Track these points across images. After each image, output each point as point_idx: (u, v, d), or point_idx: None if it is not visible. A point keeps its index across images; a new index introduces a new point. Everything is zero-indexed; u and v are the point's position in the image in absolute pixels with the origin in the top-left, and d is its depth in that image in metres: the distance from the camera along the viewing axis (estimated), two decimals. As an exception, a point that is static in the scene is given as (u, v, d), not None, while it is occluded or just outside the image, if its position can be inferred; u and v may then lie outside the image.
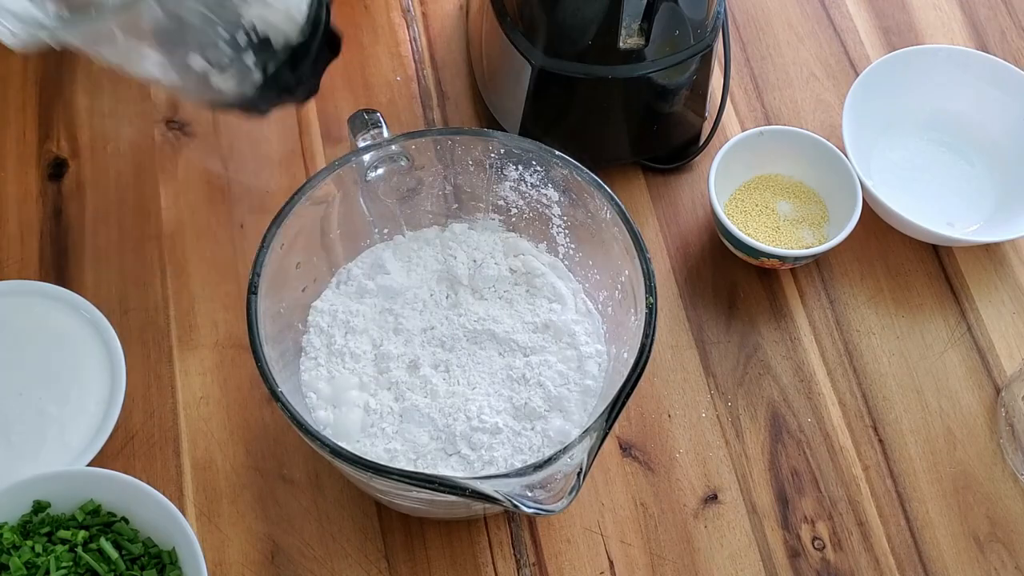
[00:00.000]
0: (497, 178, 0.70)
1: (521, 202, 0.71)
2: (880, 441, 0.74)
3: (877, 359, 0.76)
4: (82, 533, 0.65)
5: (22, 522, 0.66)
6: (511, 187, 0.70)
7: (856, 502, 0.71)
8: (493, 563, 0.69)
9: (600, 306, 0.70)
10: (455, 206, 0.72)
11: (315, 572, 0.68)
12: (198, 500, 0.70)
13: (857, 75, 0.84)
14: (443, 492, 0.55)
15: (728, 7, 0.83)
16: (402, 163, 0.68)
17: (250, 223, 0.80)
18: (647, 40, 0.73)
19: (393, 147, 0.67)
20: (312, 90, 0.69)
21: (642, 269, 0.62)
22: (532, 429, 0.65)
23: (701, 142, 0.84)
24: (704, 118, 0.83)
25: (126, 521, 0.66)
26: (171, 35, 0.59)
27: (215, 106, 0.68)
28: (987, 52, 0.87)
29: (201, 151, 0.83)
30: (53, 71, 0.86)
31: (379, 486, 0.62)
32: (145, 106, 0.85)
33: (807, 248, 0.77)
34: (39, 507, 0.66)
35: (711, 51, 0.77)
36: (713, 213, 0.77)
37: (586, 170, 0.66)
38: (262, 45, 0.62)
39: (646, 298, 0.61)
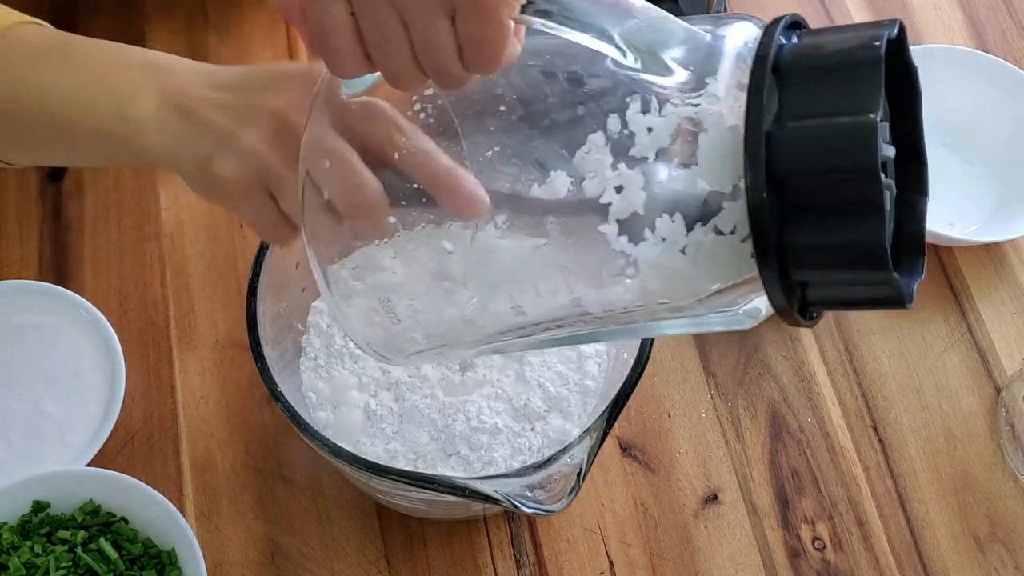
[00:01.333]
0: (497, 178, 0.69)
1: (521, 202, 0.70)
2: (880, 441, 0.73)
3: (877, 359, 0.76)
4: (81, 533, 0.65)
5: (22, 522, 0.65)
6: (511, 187, 0.70)
7: (856, 502, 0.71)
8: (493, 563, 0.69)
9: (600, 306, 0.69)
10: (455, 206, 0.72)
11: (315, 572, 0.68)
12: (198, 500, 0.70)
13: (857, 75, 0.84)
14: (443, 492, 0.55)
15: (728, 6, 0.83)
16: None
17: (250, 223, 0.80)
18: None
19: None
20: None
21: (642, 269, 0.62)
22: (532, 429, 0.65)
23: (701, 142, 0.84)
24: (704, 118, 0.83)
25: (126, 521, 0.66)
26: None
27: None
28: (987, 52, 0.87)
29: (201, 151, 0.83)
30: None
31: (379, 486, 0.62)
32: (145, 106, 0.85)
33: (807, 248, 0.77)
34: (39, 507, 0.66)
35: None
36: (713, 213, 0.77)
37: (586, 170, 0.65)
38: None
39: (646, 298, 0.61)
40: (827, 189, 0.38)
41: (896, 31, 0.39)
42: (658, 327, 0.47)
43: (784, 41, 0.40)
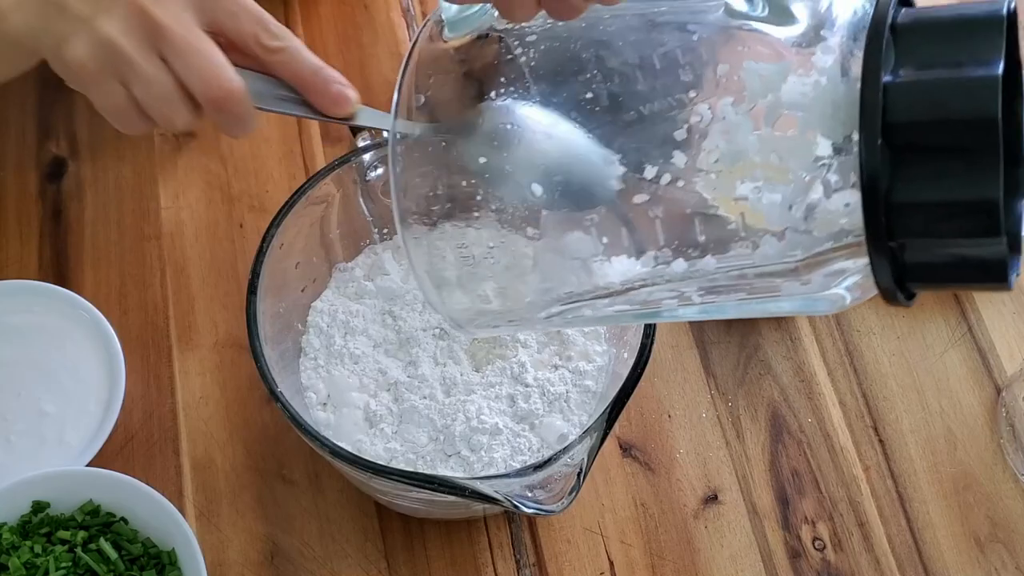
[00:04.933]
0: (497, 178, 0.69)
1: (521, 202, 0.70)
2: (881, 441, 0.73)
3: (878, 359, 0.76)
4: (81, 533, 0.65)
5: (21, 522, 0.65)
6: (511, 187, 0.70)
7: (857, 502, 0.71)
8: (493, 563, 0.69)
9: (600, 306, 0.69)
10: (455, 206, 0.72)
11: (315, 572, 0.68)
12: (198, 500, 0.70)
13: (858, 75, 0.84)
14: (443, 492, 0.55)
15: None
16: (402, 163, 0.68)
17: (250, 223, 0.80)
18: None
19: (393, 147, 0.67)
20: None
21: (642, 269, 0.62)
22: (532, 430, 0.65)
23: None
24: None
25: (125, 521, 0.66)
26: None
27: None
28: (988, 52, 0.87)
29: (201, 151, 0.83)
30: (53, 71, 0.86)
31: (379, 486, 0.62)
32: (145, 106, 0.85)
33: (807, 248, 0.77)
34: (38, 507, 0.66)
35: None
36: (713, 213, 0.77)
37: (586, 170, 0.65)
38: None
39: (646, 298, 0.61)
40: (943, 142, 0.37)
41: (1011, 7, 0.38)
42: (722, 308, 0.46)
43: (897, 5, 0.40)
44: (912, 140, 0.37)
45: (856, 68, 0.39)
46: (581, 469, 0.55)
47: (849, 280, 0.42)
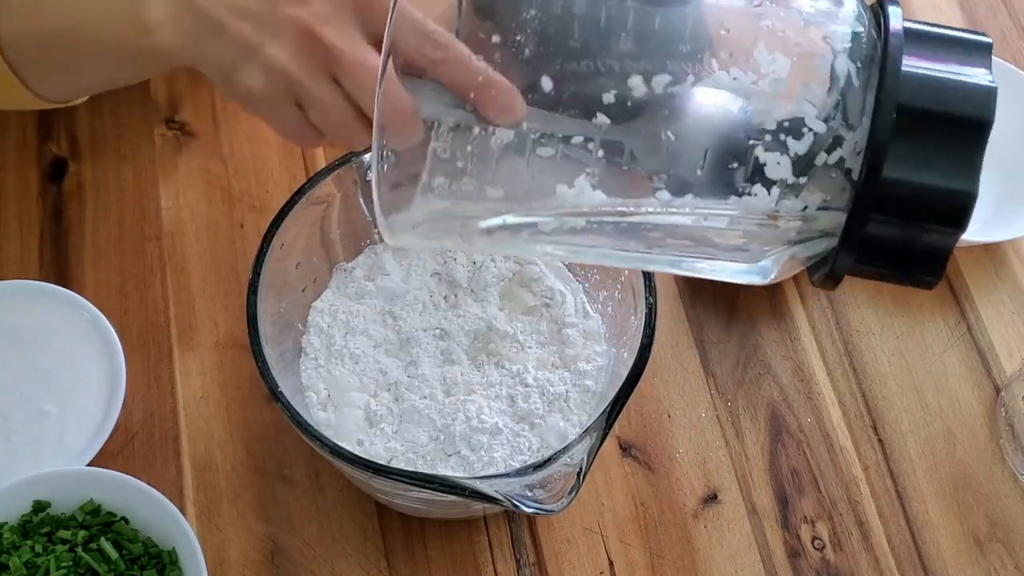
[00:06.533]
0: (497, 178, 0.69)
1: (521, 202, 0.70)
2: (880, 441, 0.74)
3: (877, 359, 0.76)
4: (82, 533, 0.65)
5: (22, 522, 0.66)
6: (511, 187, 0.70)
7: (856, 502, 0.71)
8: (493, 563, 0.69)
9: (600, 306, 0.70)
10: (455, 206, 0.72)
11: (315, 572, 0.68)
12: (198, 500, 0.70)
13: (857, 75, 0.84)
14: (443, 492, 0.55)
15: None
16: (402, 163, 0.68)
17: (250, 223, 0.80)
18: None
19: (393, 147, 0.67)
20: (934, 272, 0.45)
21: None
22: (532, 430, 0.65)
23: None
24: (704, 118, 0.83)
25: (126, 521, 0.66)
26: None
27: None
28: (987, 52, 0.87)
29: (201, 151, 0.83)
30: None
31: (379, 486, 0.62)
32: (145, 106, 0.85)
33: (807, 248, 0.77)
34: (39, 507, 0.66)
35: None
36: (713, 213, 0.77)
37: (586, 170, 0.65)
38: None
39: (646, 298, 0.61)
40: (939, 133, 0.42)
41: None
42: (656, 259, 0.48)
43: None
44: (913, 125, 0.41)
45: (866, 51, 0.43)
46: (581, 469, 0.56)
47: (782, 254, 0.46)
